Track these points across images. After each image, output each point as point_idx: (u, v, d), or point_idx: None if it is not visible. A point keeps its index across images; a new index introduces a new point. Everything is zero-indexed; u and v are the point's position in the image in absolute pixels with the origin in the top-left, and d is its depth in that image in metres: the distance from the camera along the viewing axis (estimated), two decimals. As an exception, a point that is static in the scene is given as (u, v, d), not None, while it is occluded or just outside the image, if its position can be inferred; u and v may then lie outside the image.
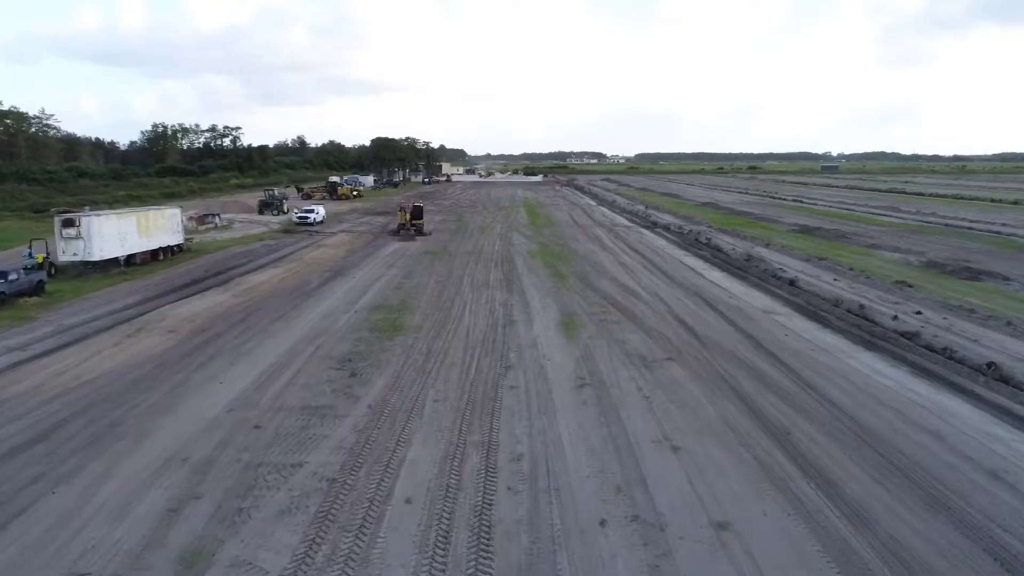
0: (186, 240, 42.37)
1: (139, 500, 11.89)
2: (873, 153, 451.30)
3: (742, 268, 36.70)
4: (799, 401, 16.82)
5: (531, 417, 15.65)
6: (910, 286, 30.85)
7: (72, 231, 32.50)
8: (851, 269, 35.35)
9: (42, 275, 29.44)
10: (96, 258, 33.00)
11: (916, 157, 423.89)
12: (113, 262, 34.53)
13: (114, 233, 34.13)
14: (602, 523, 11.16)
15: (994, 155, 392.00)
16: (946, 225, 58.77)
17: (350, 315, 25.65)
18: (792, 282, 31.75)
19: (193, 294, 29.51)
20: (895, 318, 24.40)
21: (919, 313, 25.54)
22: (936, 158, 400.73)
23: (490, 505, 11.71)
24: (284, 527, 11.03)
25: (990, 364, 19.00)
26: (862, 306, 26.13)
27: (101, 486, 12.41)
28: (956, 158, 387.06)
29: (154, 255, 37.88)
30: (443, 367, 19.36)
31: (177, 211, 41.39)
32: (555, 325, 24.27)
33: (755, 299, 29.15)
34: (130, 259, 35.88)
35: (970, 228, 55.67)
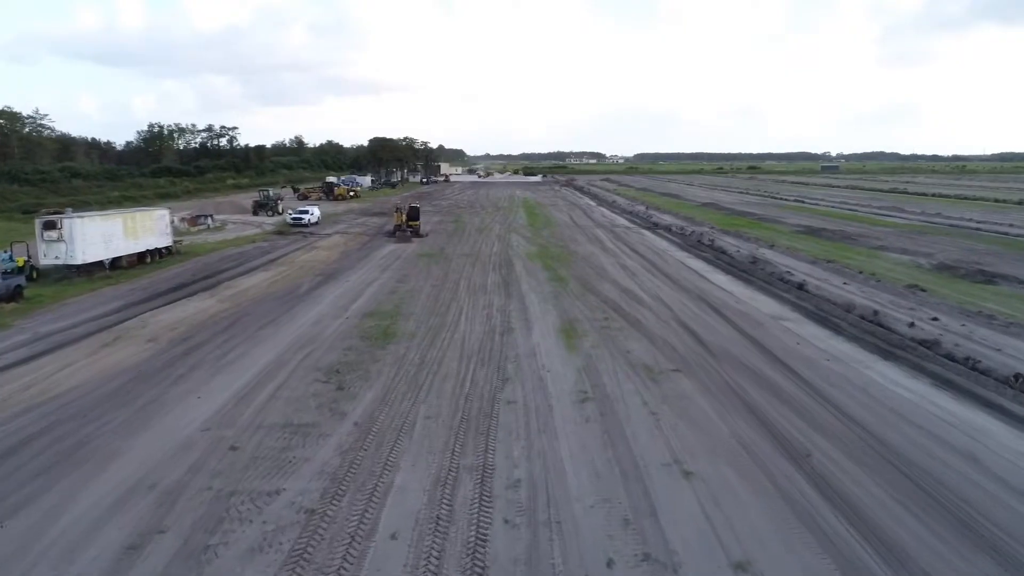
0: (175, 242, 41.19)
1: (97, 534, 10.75)
2: (872, 153, 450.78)
3: (747, 271, 35.58)
4: (817, 417, 15.69)
5: (530, 436, 14.51)
6: (923, 290, 29.76)
7: (53, 233, 31.33)
8: (860, 272, 34.23)
9: (20, 279, 28.24)
10: (79, 261, 31.82)
11: (915, 157, 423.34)
12: (98, 265, 33.36)
13: (98, 235, 32.95)
14: (609, 563, 10.04)
15: (993, 155, 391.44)
16: (952, 226, 57.62)
17: (341, 322, 24.50)
18: (800, 286, 30.62)
19: (178, 299, 28.34)
20: (911, 325, 23.28)
21: (936, 319, 24.42)
22: (935, 158, 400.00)
23: (484, 541, 10.58)
24: (254, 568, 9.90)
25: (1017, 376, 17.89)
26: (876, 312, 25.00)
27: (57, 518, 11.27)
28: (955, 158, 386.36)
29: (141, 258, 36.70)
30: (436, 379, 18.23)
31: (165, 212, 40.19)
32: (555, 333, 23.14)
33: (762, 304, 28.03)
34: (116, 262, 34.71)
35: (977, 229, 54.54)
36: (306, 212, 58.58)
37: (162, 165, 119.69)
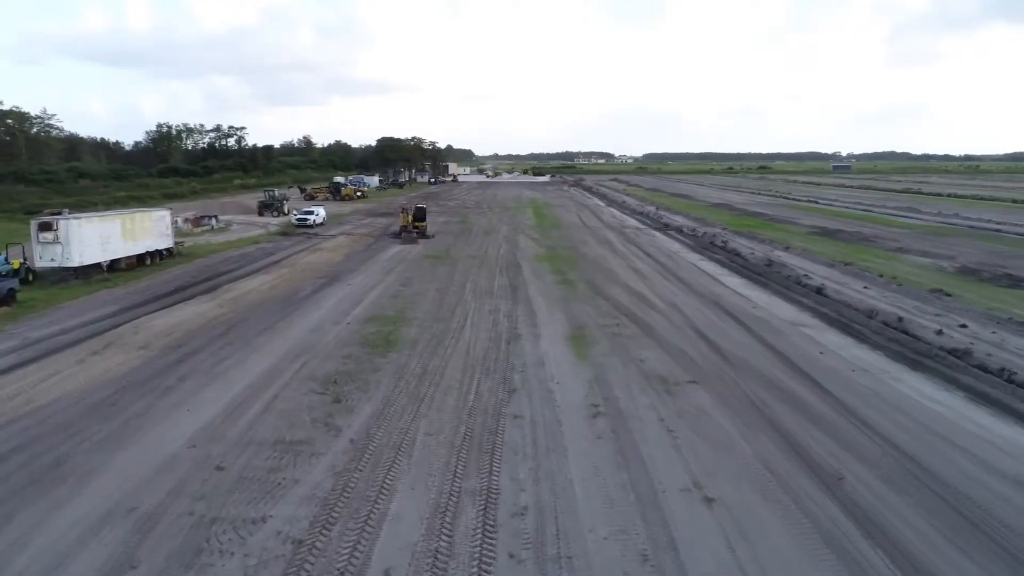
0: (176, 244, 40.42)
1: (62, 570, 9.82)
2: (883, 153, 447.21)
3: (763, 274, 34.42)
4: (846, 436, 14.60)
5: (537, 456, 13.50)
6: (948, 295, 28.54)
7: (49, 235, 30.57)
8: (880, 276, 33.04)
9: (14, 283, 27.46)
10: (75, 264, 31.03)
11: (926, 157, 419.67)
12: (95, 267, 32.58)
13: (95, 237, 32.18)
14: (625, 608, 9.02)
15: (1005, 155, 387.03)
16: (970, 227, 56.24)
17: (341, 328, 23.57)
18: (819, 290, 29.46)
19: (175, 303, 27.48)
20: (939, 332, 22.12)
21: (964, 326, 23.24)
22: (947, 158, 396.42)
23: (487, 579, 9.59)
24: (232, 611, 8.95)
25: (1059, 390, 16.74)
26: (900, 318, 23.85)
27: (22, 548, 10.34)
28: (967, 158, 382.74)
29: (141, 260, 35.92)
30: (439, 391, 17.24)
31: (166, 213, 39.41)
32: (564, 340, 22.13)
33: (780, 309, 26.92)
34: (114, 264, 33.94)
35: (997, 231, 53.15)
36: (311, 213, 57.83)
37: (169, 165, 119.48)
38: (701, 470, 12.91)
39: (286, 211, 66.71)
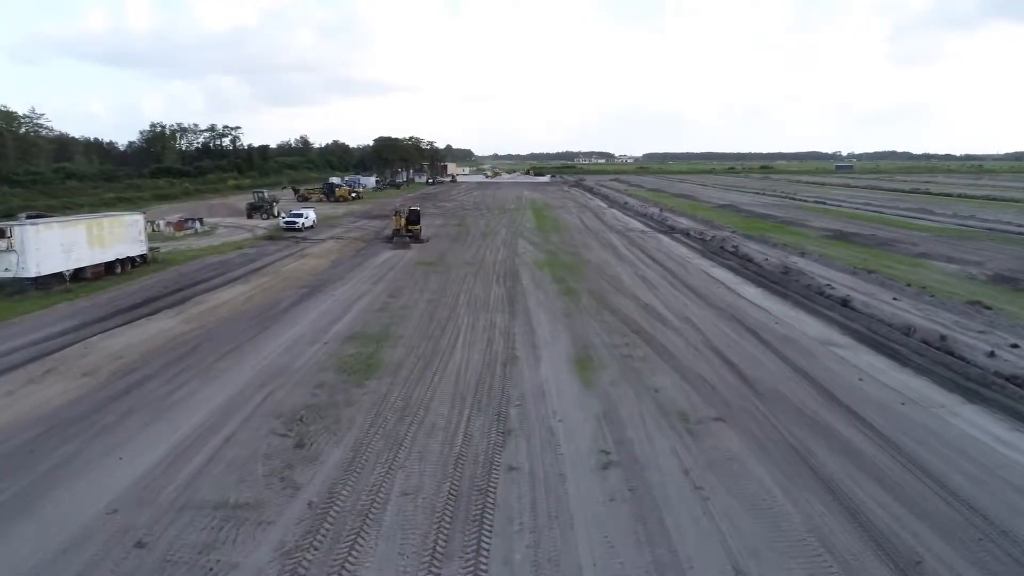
0: (152, 249, 37.86)
1: None
2: (884, 152, 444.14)
3: (780, 283, 31.85)
4: (912, 495, 12.01)
5: (538, 526, 10.93)
6: (988, 307, 25.95)
7: (2, 243, 27.94)
8: (908, 285, 30.44)
9: (-41, 296, 24.99)
10: (32, 274, 28.40)
11: (927, 156, 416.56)
12: (57, 277, 30.01)
13: (56, 244, 29.57)
14: None
15: (1006, 154, 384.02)
16: (990, 229, 53.65)
17: (317, 348, 21.02)
18: (845, 302, 26.87)
19: (137, 319, 24.91)
20: (991, 355, 19.54)
21: (1016, 347, 20.67)
22: (948, 157, 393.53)
23: None
24: None
25: None
26: (943, 337, 21.28)
27: None
28: (967, 157, 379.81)
29: (109, 268, 33.33)
30: (421, 432, 14.67)
31: (139, 218, 36.85)
32: (567, 363, 19.57)
33: (805, 324, 24.36)
34: (79, 273, 31.35)
35: (1021, 234, 50.54)
36: (300, 215, 55.31)
37: (162, 166, 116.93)
38: (742, 547, 10.33)
39: (276, 213, 64.16)
